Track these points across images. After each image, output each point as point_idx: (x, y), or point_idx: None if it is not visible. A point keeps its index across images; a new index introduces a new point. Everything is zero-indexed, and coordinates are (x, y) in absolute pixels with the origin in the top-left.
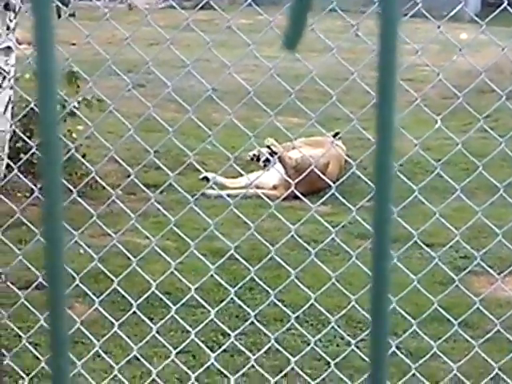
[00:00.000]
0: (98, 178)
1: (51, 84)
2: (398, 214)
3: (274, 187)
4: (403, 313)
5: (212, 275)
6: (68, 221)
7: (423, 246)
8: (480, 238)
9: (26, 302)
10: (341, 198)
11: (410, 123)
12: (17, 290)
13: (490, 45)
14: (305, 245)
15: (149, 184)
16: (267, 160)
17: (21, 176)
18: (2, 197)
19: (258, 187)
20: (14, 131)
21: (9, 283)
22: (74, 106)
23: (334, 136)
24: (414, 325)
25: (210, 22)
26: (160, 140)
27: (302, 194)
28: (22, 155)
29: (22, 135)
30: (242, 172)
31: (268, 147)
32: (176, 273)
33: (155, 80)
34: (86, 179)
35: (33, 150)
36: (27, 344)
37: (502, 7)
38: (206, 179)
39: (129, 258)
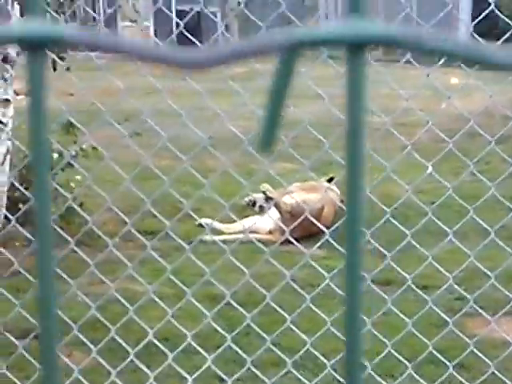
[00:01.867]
0: (94, 228)
1: (42, 132)
2: (392, 258)
3: (270, 232)
4: (399, 356)
5: (209, 321)
6: (66, 269)
7: (417, 289)
8: (473, 280)
9: (23, 352)
10: (335, 242)
11: (404, 167)
12: (14, 340)
13: (480, 89)
14: (299, 290)
15: (146, 231)
16: (263, 205)
17: (18, 226)
18: (1, 249)
19: (254, 232)
20: (12, 182)
21: (6, 333)
22: (72, 156)
23: (329, 181)
24: (410, 368)
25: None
26: (156, 188)
27: (297, 238)
28: (20, 205)
29: (19, 186)
30: (236, 218)
31: (263, 193)
32: (173, 320)
33: (151, 129)
34: (84, 228)
35: (30, 202)
36: None
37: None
38: (203, 225)
39: (126, 306)
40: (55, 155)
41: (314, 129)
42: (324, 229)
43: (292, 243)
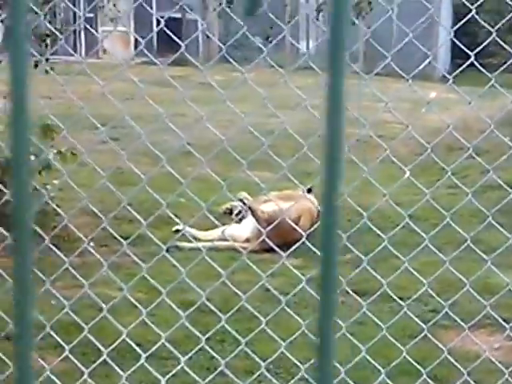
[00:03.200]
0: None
1: (25, 136)
2: (368, 268)
3: (247, 240)
4: (374, 365)
5: (184, 327)
6: (40, 272)
7: (394, 298)
8: (448, 291)
9: None
10: (312, 251)
11: (381, 179)
12: None
13: (459, 103)
14: (275, 297)
15: (122, 236)
16: (240, 213)
17: None
18: None
19: (231, 240)
20: None
21: None
22: (49, 159)
23: (308, 191)
24: (383, 376)
25: (185, 78)
26: (134, 193)
27: (273, 247)
28: None
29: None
30: (217, 223)
31: (241, 200)
32: (148, 324)
33: (129, 134)
34: (58, 229)
35: (4, 200)
36: None
37: (468, 62)
38: (179, 232)
39: (100, 310)
40: (32, 157)
41: (293, 138)
42: (302, 233)
43: (268, 251)
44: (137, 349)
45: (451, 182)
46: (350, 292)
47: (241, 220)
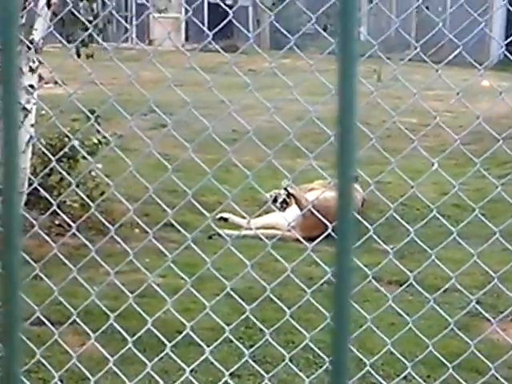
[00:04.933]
0: (103, 219)
1: (14, 122)
2: (412, 259)
3: (291, 228)
4: (415, 355)
5: (225, 314)
6: (83, 258)
7: (435, 292)
8: (496, 284)
9: None
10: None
11: (428, 167)
12: None
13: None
14: (318, 285)
15: (166, 223)
16: (284, 202)
17: (26, 215)
18: None
19: (274, 228)
20: (35, 168)
21: None
22: (95, 144)
23: (354, 180)
24: (419, 368)
25: (234, 64)
26: (179, 180)
27: (318, 236)
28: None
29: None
30: (261, 211)
31: (285, 189)
32: (189, 310)
33: (177, 121)
34: (103, 215)
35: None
36: None
37: None
38: (223, 219)
39: (142, 296)
40: (76, 142)
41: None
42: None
43: (312, 240)
44: (168, 338)
45: (501, 172)
46: (390, 284)
47: (285, 208)
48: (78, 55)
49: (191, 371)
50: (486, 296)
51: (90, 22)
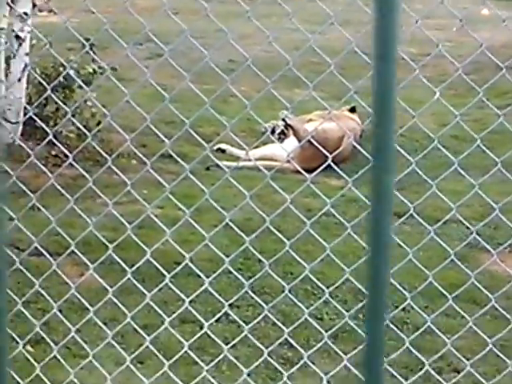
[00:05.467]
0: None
1: None
2: (410, 190)
3: (289, 160)
4: (414, 286)
5: (223, 246)
6: (80, 189)
7: (437, 220)
8: (495, 215)
9: None
10: (355, 171)
11: (428, 98)
12: None
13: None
14: (317, 216)
15: (163, 155)
16: (282, 133)
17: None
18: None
19: (272, 160)
20: (30, 98)
21: None
22: (90, 73)
23: (351, 110)
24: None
25: None
26: (176, 110)
27: (316, 167)
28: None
29: (36, 102)
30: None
31: (283, 120)
32: (187, 241)
33: (173, 50)
34: (100, 146)
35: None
36: None
37: None
38: (221, 151)
39: (140, 227)
40: (72, 72)
41: (338, 56)
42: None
43: (310, 172)
44: (171, 267)
45: (501, 102)
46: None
47: (283, 139)
48: None
49: (190, 302)
50: (485, 227)
51: None
